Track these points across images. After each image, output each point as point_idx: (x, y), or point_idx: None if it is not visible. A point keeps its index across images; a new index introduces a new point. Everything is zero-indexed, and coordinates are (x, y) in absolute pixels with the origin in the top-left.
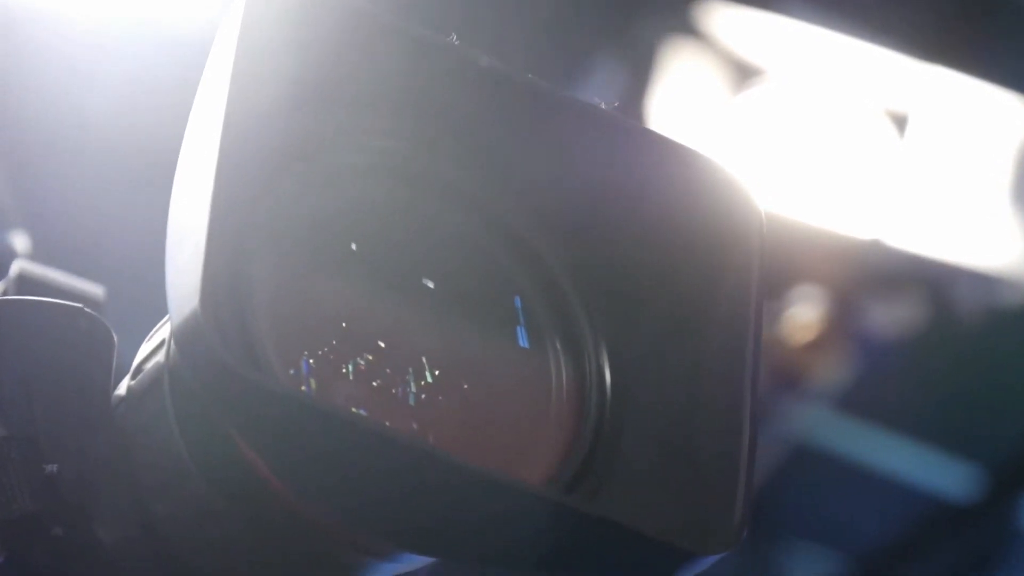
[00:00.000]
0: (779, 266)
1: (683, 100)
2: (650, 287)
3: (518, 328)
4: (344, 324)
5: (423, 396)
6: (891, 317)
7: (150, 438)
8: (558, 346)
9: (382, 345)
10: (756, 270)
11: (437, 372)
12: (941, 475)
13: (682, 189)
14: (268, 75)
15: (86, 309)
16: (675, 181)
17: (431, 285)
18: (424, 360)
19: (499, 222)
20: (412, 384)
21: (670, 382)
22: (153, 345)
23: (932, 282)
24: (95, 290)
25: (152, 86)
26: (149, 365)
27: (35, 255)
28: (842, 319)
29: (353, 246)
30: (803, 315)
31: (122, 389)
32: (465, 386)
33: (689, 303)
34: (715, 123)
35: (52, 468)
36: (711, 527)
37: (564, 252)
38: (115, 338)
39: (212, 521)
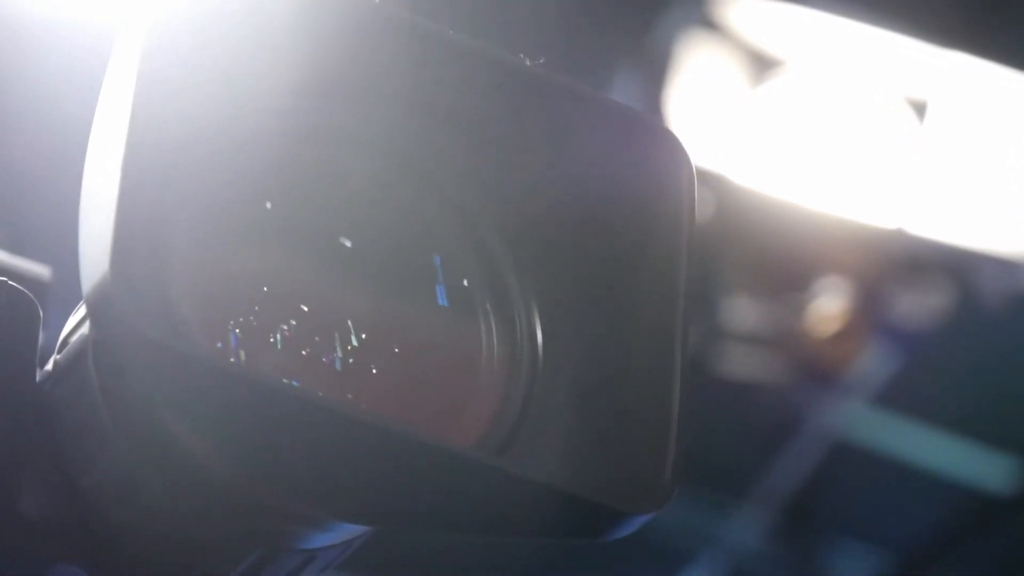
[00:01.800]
0: (803, 257)
1: (703, 92)
2: (579, 245)
3: (437, 287)
4: (265, 288)
5: (351, 360)
6: (918, 306)
7: (75, 410)
8: (488, 307)
9: (305, 309)
10: (686, 224)
11: (364, 336)
12: (980, 468)
13: (609, 144)
14: (180, 39)
15: (8, 282)
16: (602, 135)
17: (348, 244)
18: (350, 324)
19: (425, 180)
20: (339, 349)
21: (601, 341)
22: (78, 318)
23: (957, 269)
24: (40, 269)
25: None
26: (74, 338)
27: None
28: (868, 309)
29: (268, 205)
30: (829, 306)
31: (49, 364)
32: (395, 349)
33: (619, 260)
34: (735, 115)
35: None
36: (642, 486)
37: (491, 211)
38: (40, 312)
39: (139, 491)
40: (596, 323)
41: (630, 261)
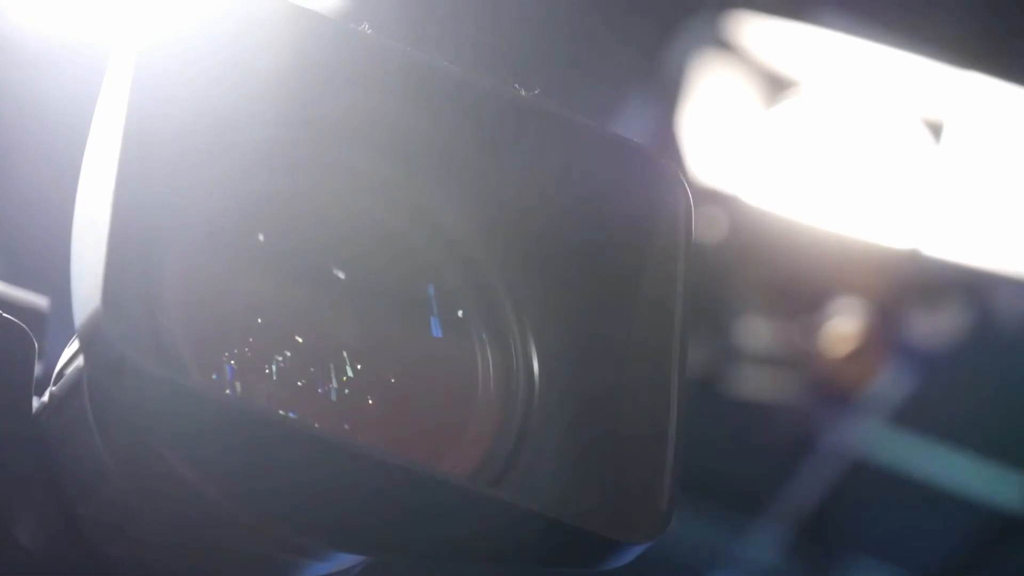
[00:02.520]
0: (818, 278)
1: (717, 112)
2: (574, 274)
3: (432, 319)
4: (259, 320)
5: (346, 391)
6: (934, 327)
7: (71, 442)
8: (484, 336)
9: (299, 340)
10: (682, 254)
11: (359, 366)
12: (997, 487)
13: (603, 174)
14: (170, 69)
15: (4, 315)
16: (596, 165)
17: (341, 276)
18: (344, 354)
19: (417, 211)
20: (334, 380)
21: (597, 369)
22: (73, 350)
23: (972, 290)
24: (38, 300)
25: None
26: (70, 370)
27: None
28: (884, 330)
29: (260, 237)
30: (844, 327)
31: (46, 396)
32: (391, 380)
33: (615, 289)
34: (749, 135)
35: None
36: (637, 516)
37: (486, 240)
38: (35, 344)
39: (136, 522)
40: (592, 352)
41: (626, 290)
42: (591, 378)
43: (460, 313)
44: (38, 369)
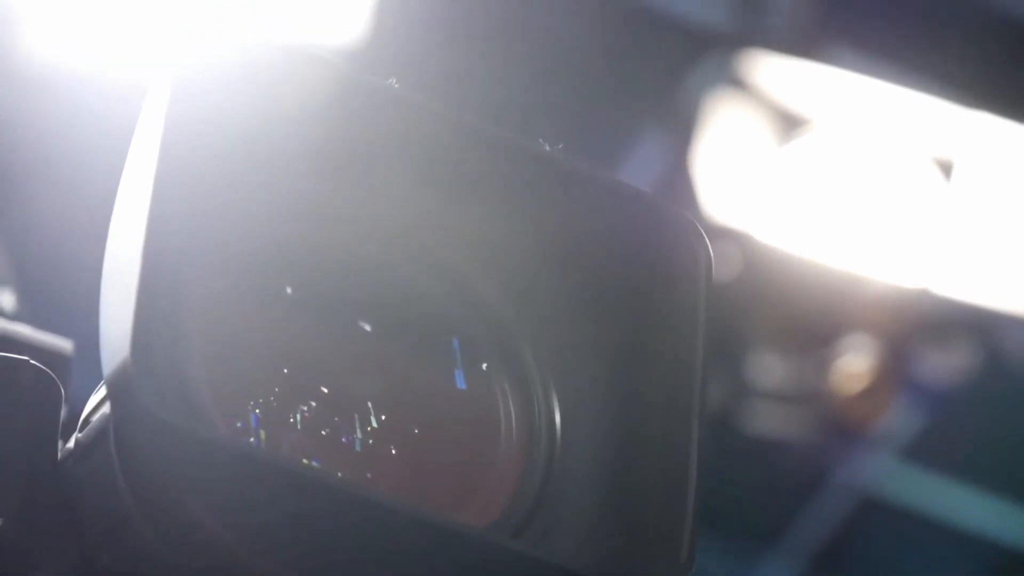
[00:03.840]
0: (828, 316)
1: (731, 151)
2: (596, 326)
3: (456, 371)
4: (286, 370)
5: (370, 442)
6: (943, 365)
7: (96, 491)
8: (506, 388)
9: (325, 391)
10: (702, 307)
11: (383, 417)
12: (1007, 523)
13: (627, 228)
14: (203, 120)
15: (31, 362)
16: (620, 221)
17: (368, 328)
18: (369, 405)
19: (441, 264)
20: (358, 430)
21: (618, 420)
22: (99, 397)
23: (982, 329)
24: (63, 344)
25: None
26: (95, 417)
27: (21, 311)
28: (894, 367)
29: (288, 290)
30: (855, 364)
31: (71, 442)
32: (415, 430)
33: (636, 341)
34: (762, 173)
35: None
36: (659, 567)
37: (508, 293)
38: (62, 391)
39: (157, 571)
40: (613, 404)
41: (646, 342)
42: (612, 429)
43: (484, 366)
44: (62, 413)
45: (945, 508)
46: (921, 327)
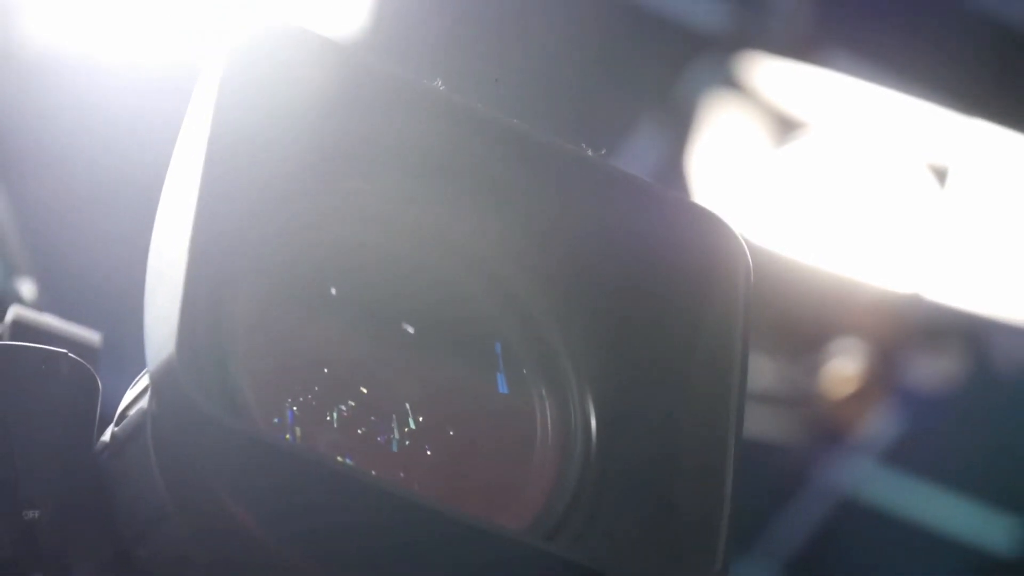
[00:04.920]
0: (819, 319)
1: (725, 152)
2: (634, 333)
3: (498, 375)
4: (326, 370)
5: (407, 443)
6: (932, 371)
7: (132, 483)
8: (543, 392)
9: (364, 391)
10: (741, 316)
11: (421, 418)
12: (986, 529)
13: (667, 234)
14: (249, 119)
15: (70, 355)
16: (660, 227)
17: (411, 330)
18: (407, 406)
19: (482, 267)
20: (395, 431)
21: (653, 427)
22: (137, 391)
23: (973, 336)
24: (91, 336)
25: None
26: (133, 411)
27: (42, 301)
28: (883, 372)
29: (333, 291)
30: (844, 368)
31: (107, 435)
32: (450, 432)
33: (673, 349)
34: (757, 176)
35: (32, 514)
36: (693, 574)
37: (548, 298)
38: (99, 384)
39: (192, 566)
40: (649, 410)
41: (683, 349)
42: (648, 436)
43: (524, 371)
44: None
45: (925, 513)
46: (912, 332)
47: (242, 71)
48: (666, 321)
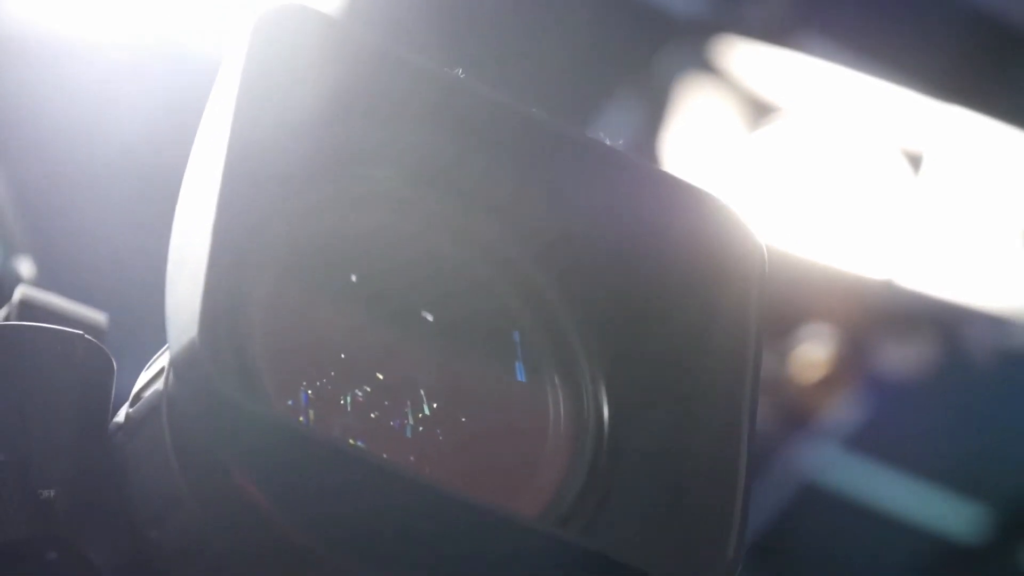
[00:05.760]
0: (790, 304)
1: (699, 136)
2: (648, 323)
3: (516, 363)
4: (343, 355)
5: (420, 429)
6: (902, 357)
7: (146, 465)
8: (556, 381)
9: (380, 377)
10: (754, 307)
11: (435, 405)
12: (949, 516)
13: (681, 224)
14: (271, 105)
15: (86, 336)
16: (674, 217)
17: (430, 318)
18: (422, 393)
19: (499, 256)
20: (410, 417)
21: (666, 416)
22: (152, 373)
23: (944, 323)
24: (97, 316)
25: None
26: (148, 393)
27: (41, 280)
28: (853, 358)
29: (353, 277)
30: (814, 353)
31: (120, 416)
32: (463, 419)
33: (686, 339)
34: (731, 159)
35: (48, 493)
36: (704, 565)
37: (563, 287)
38: (114, 365)
39: (206, 549)
40: (662, 398)
41: (697, 339)
42: (660, 425)
43: (538, 359)
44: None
45: (886, 499)
46: (884, 319)
47: (265, 57)
48: (680, 313)
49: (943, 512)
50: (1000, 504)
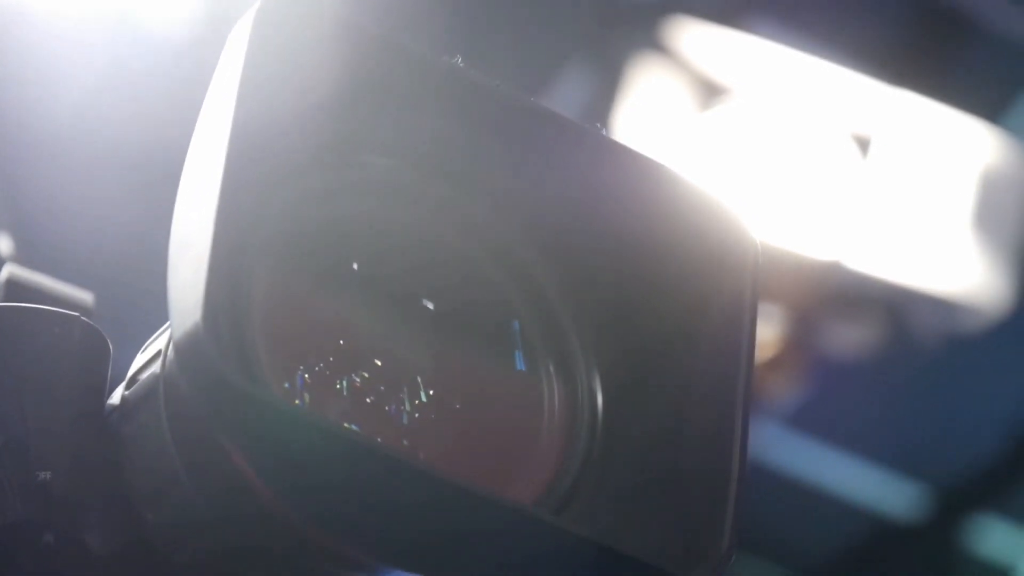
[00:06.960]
0: None
1: (649, 115)
2: (642, 311)
3: (516, 352)
4: (341, 341)
5: (416, 415)
6: (848, 339)
7: (143, 447)
8: (551, 369)
9: (378, 363)
10: (749, 298)
11: (431, 392)
12: (889, 494)
13: (677, 216)
14: (273, 92)
15: (82, 318)
16: (670, 208)
17: (430, 306)
18: (419, 379)
19: (495, 243)
20: (406, 403)
21: (660, 405)
22: (149, 356)
23: (890, 305)
24: (84, 296)
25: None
26: (144, 375)
27: (18, 257)
28: (799, 339)
29: (355, 265)
30: (760, 334)
31: (115, 398)
32: (457, 406)
33: (681, 328)
34: (680, 139)
35: (44, 475)
36: (699, 552)
37: (558, 275)
38: (110, 347)
39: (202, 531)
40: (657, 387)
41: (692, 328)
42: (655, 413)
43: (534, 347)
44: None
45: (826, 477)
46: (830, 300)
47: (266, 43)
48: (675, 302)
49: (883, 492)
50: (939, 484)
